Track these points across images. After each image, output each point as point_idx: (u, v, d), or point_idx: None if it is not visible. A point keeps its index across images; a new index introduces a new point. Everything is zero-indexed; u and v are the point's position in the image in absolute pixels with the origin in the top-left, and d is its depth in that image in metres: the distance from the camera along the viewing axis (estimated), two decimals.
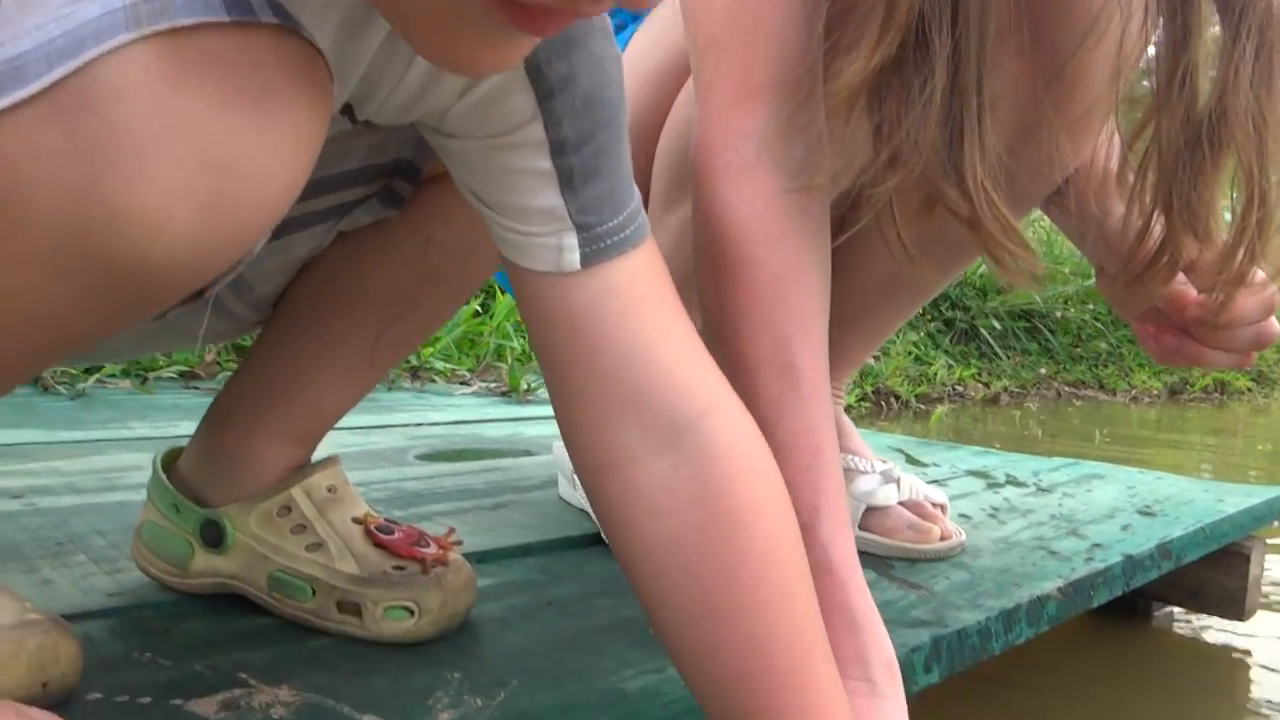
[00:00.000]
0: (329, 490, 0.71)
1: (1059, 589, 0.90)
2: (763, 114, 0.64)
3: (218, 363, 2.00)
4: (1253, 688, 1.26)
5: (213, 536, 0.69)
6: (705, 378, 0.53)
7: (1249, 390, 5.72)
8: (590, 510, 1.00)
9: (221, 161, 0.34)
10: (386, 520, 0.71)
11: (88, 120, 0.32)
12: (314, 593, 0.68)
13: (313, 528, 0.69)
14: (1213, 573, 1.28)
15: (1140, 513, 1.23)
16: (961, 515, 1.15)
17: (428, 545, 0.70)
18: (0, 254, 0.34)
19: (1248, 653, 1.35)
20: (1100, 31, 0.61)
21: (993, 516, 1.19)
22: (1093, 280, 0.81)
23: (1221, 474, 3.09)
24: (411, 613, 0.66)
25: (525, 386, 2.19)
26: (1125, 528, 1.14)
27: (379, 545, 0.69)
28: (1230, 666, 1.32)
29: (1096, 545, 1.06)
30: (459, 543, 0.72)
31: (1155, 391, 5.30)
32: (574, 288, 0.50)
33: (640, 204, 0.53)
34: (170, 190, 0.34)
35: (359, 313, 0.69)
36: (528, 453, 1.42)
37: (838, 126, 0.63)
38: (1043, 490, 1.36)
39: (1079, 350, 5.41)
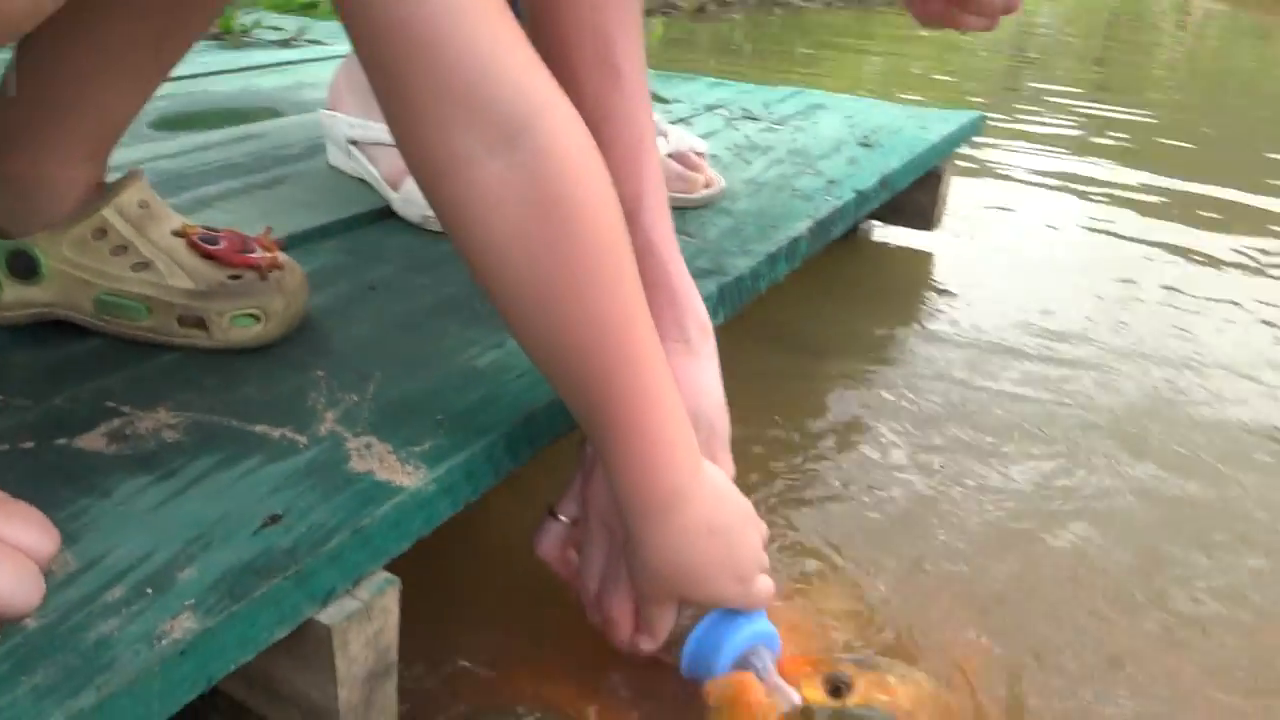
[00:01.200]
0: (140, 206, 0.69)
1: (809, 229, 1.04)
2: None
3: None
4: (935, 272, 1.54)
5: (23, 267, 0.66)
6: (536, 78, 0.54)
7: None
8: (368, 176, 1.01)
9: None
10: (204, 229, 0.71)
11: None
12: (149, 311, 0.68)
13: (134, 248, 0.68)
14: (911, 191, 1.48)
15: (861, 145, 1.38)
16: (713, 156, 1.25)
17: (254, 250, 0.71)
18: None
19: (931, 253, 1.61)
20: None
21: (739, 156, 1.30)
22: None
23: (902, 81, 3.39)
24: (257, 319, 0.68)
25: (241, 28, 2.00)
26: (851, 161, 1.29)
27: (207, 256, 0.69)
28: (921, 261, 1.58)
29: (831, 182, 1.20)
30: (281, 243, 0.73)
31: None
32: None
33: None
34: None
35: (144, 8, 0.63)
36: (275, 112, 1.36)
37: None
38: (776, 124, 1.48)
39: None
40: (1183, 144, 2.73)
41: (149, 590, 0.45)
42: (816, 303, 1.35)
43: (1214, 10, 7.37)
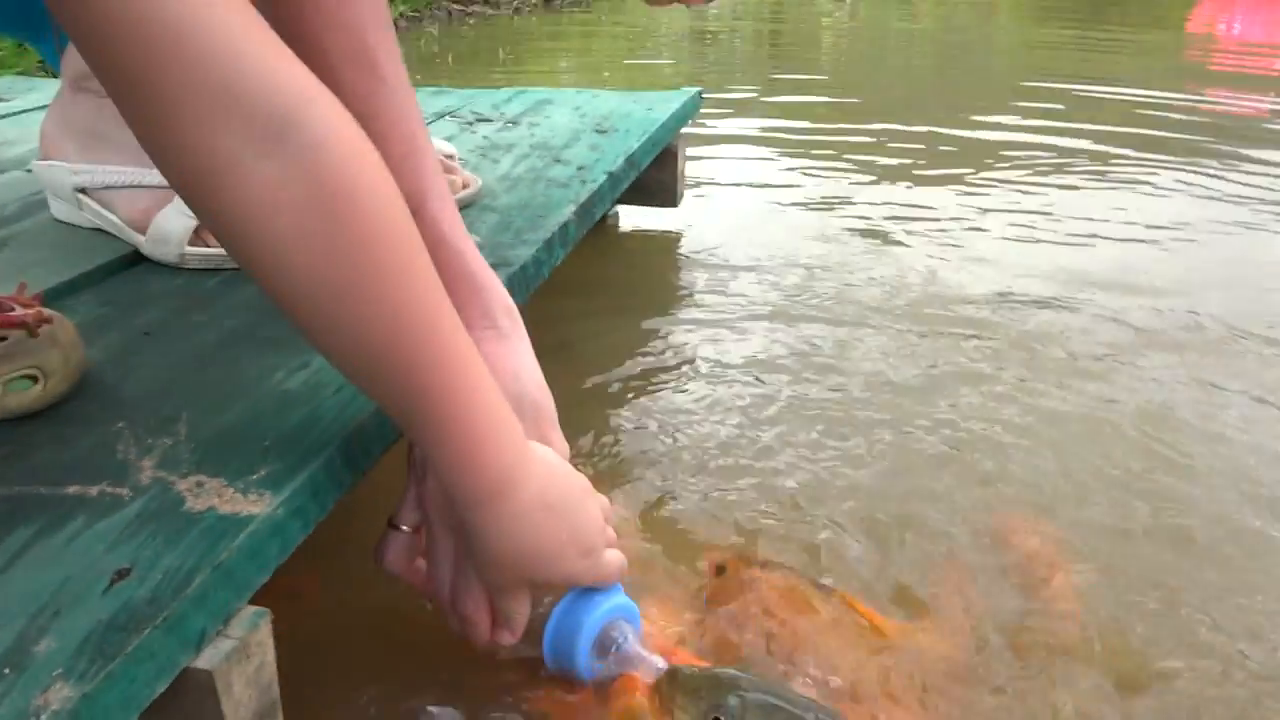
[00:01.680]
0: None
1: (574, 213, 1.07)
2: None
3: None
4: (682, 243, 1.62)
5: None
6: (295, 71, 0.51)
7: None
8: (105, 224, 0.94)
9: None
10: None
11: None
12: None
13: None
14: (652, 171, 1.54)
15: (597, 132, 1.43)
16: (460, 160, 1.25)
17: (12, 309, 0.65)
18: None
19: (680, 232, 1.69)
20: None
21: (485, 156, 1.31)
22: None
23: (608, 70, 3.51)
24: (35, 379, 0.62)
25: None
26: (593, 148, 1.33)
27: None
28: (671, 240, 1.66)
29: (581, 168, 1.23)
30: (39, 296, 0.68)
31: (533, 2, 5.64)
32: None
33: None
34: None
35: None
36: None
37: None
38: (511, 122, 1.50)
39: None
40: (860, 95, 3.01)
41: (5, 670, 0.41)
42: (583, 278, 1.39)
43: None
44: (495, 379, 0.60)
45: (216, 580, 0.49)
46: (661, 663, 0.67)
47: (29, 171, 1.16)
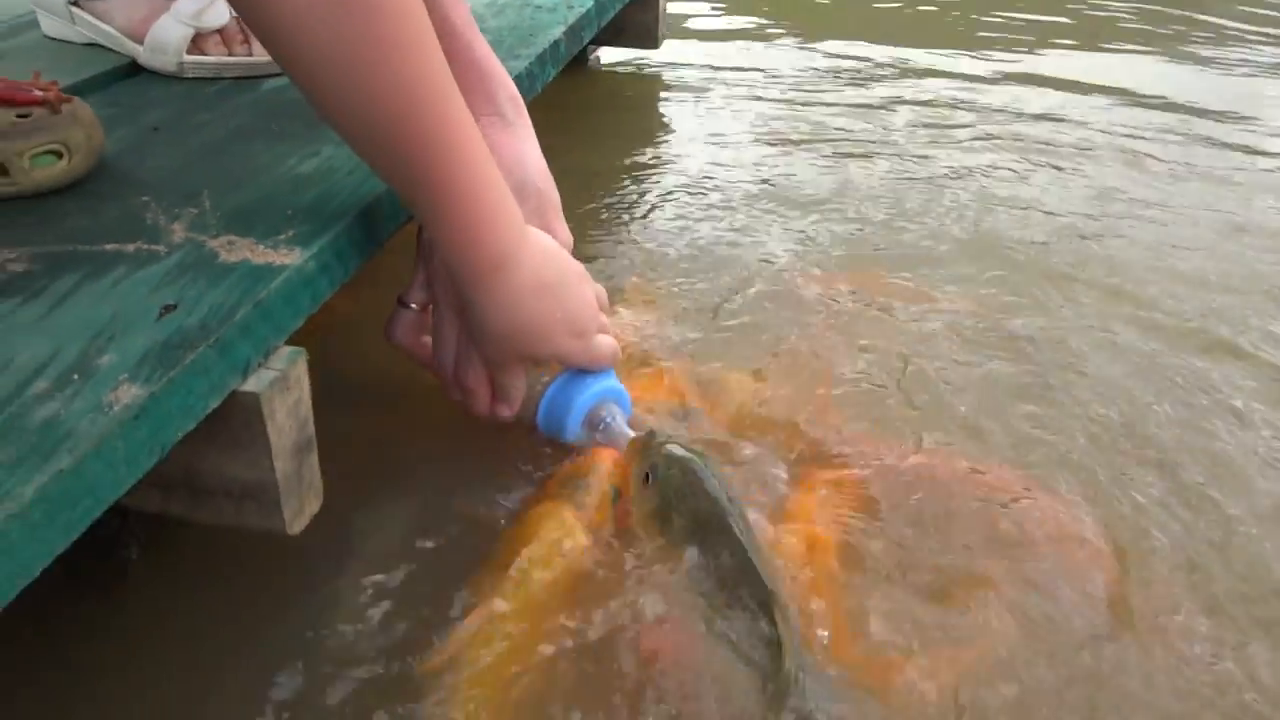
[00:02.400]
0: None
1: (564, 33, 1.08)
2: None
3: None
4: (661, 91, 1.63)
5: None
6: None
7: None
8: (101, 37, 0.94)
9: None
10: None
11: None
12: None
13: None
14: (631, 12, 1.54)
15: None
16: None
17: (30, 90, 0.66)
18: None
19: (660, 70, 1.69)
20: None
21: None
22: None
23: None
24: (60, 155, 0.64)
25: None
26: None
27: None
28: (651, 83, 1.66)
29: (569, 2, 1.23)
30: (54, 82, 0.69)
31: None
32: None
33: None
34: None
35: None
36: None
37: None
38: None
39: None
40: None
41: (75, 377, 0.45)
42: (567, 120, 1.40)
43: None
44: (499, 164, 0.63)
45: (257, 316, 0.52)
46: (629, 432, 0.73)
47: None
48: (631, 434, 0.73)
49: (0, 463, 0.39)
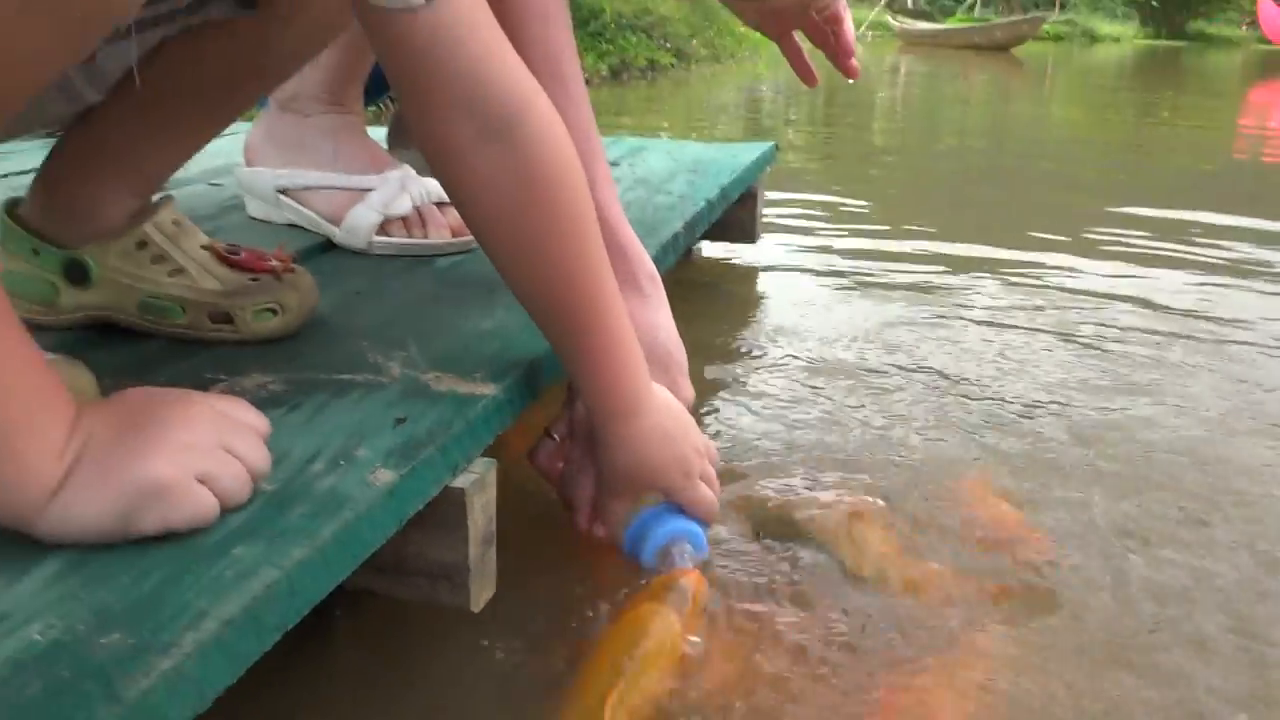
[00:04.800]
0: (175, 224, 0.81)
1: (683, 227, 1.25)
2: None
3: None
4: (759, 281, 1.80)
5: (78, 274, 0.77)
6: (521, 75, 0.69)
7: (671, 66, 6.64)
8: (301, 220, 1.14)
9: None
10: (228, 244, 0.83)
11: None
12: (184, 310, 0.79)
13: (170, 256, 0.79)
14: (735, 210, 1.73)
15: (690, 172, 1.62)
16: None
17: (270, 260, 0.84)
18: None
19: (757, 264, 1.87)
20: None
21: None
22: None
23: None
24: (276, 312, 0.80)
25: None
26: (690, 183, 1.53)
27: (231, 265, 0.82)
28: (750, 274, 1.84)
29: (682, 197, 1.42)
30: (294, 256, 0.87)
31: (602, 73, 5.97)
32: (419, 20, 0.63)
33: None
34: None
35: (202, 93, 0.77)
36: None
37: None
38: (613, 164, 1.70)
39: None
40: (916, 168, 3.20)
41: (341, 462, 0.59)
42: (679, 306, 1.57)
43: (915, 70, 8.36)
44: (636, 330, 0.78)
45: (466, 432, 0.66)
46: (688, 595, 0.80)
47: (213, 185, 1.38)
48: (681, 586, 0.79)
49: (303, 513, 0.53)
